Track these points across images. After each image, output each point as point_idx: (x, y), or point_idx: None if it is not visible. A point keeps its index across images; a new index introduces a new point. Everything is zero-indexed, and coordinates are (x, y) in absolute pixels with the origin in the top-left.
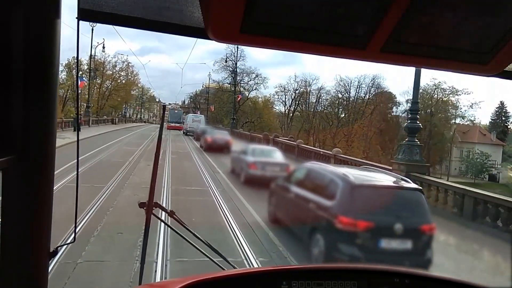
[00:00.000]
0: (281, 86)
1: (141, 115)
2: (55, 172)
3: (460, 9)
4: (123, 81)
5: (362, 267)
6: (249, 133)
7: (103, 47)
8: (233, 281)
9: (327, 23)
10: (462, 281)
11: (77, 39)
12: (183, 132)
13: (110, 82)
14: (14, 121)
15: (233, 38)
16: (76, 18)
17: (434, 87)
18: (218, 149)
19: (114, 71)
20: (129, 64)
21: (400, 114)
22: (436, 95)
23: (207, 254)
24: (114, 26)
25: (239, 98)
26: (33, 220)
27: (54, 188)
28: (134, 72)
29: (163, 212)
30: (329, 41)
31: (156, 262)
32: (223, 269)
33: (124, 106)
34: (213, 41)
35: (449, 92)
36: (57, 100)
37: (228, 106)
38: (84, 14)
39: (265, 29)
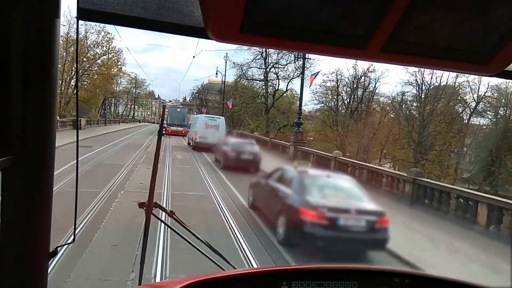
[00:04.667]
0: (335, 71)
1: (133, 113)
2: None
3: (460, 9)
4: (99, 61)
5: (363, 268)
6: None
7: None
8: (233, 281)
9: (327, 23)
10: (462, 281)
11: (77, 39)
12: (188, 143)
13: (75, 60)
14: (14, 121)
15: (233, 38)
16: (76, 18)
17: None
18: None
19: (88, 45)
20: (109, 37)
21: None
22: None
23: (207, 254)
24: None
25: (312, 80)
26: (32, 220)
27: None
28: (117, 48)
29: (163, 212)
30: (329, 41)
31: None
32: (223, 269)
33: (106, 100)
34: (216, 41)
35: None
36: (57, 100)
37: (256, 103)
38: (84, 14)
39: (265, 29)
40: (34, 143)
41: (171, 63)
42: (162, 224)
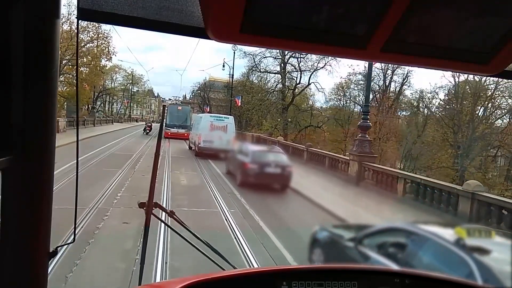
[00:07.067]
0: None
1: (130, 112)
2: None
3: (460, 9)
4: (84, 49)
5: (362, 268)
6: None
7: None
8: (233, 281)
9: (327, 23)
10: (462, 281)
11: (77, 39)
12: (190, 147)
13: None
14: (14, 121)
15: (233, 38)
16: (76, 18)
17: None
18: None
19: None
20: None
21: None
22: None
23: (207, 254)
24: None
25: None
26: (32, 220)
27: None
28: (105, 34)
29: (163, 212)
30: (329, 41)
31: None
32: (223, 269)
33: (98, 97)
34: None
35: None
36: (57, 100)
37: (271, 100)
38: (84, 14)
39: (265, 29)
40: (34, 143)
41: (171, 61)
42: (162, 224)
